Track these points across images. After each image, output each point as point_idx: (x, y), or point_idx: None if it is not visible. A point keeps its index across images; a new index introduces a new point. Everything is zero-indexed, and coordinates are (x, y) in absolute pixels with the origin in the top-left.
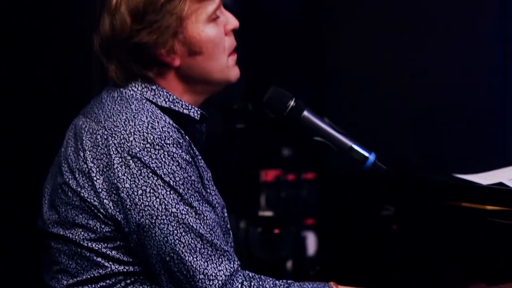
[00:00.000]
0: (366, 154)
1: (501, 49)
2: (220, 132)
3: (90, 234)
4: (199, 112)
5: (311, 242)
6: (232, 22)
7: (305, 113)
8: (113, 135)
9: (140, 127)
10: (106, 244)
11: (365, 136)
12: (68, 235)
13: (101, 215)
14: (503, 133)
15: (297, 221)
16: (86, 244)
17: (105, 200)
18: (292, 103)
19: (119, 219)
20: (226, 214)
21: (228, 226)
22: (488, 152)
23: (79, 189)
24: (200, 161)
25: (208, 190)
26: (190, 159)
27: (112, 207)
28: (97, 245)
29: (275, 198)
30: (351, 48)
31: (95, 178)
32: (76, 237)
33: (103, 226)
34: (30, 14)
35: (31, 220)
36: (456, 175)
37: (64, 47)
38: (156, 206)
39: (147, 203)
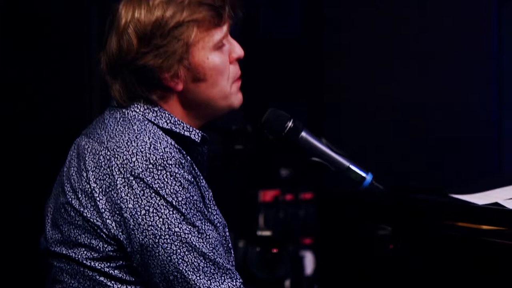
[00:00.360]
0: (363, 174)
1: (497, 68)
2: (220, 153)
3: (93, 253)
4: (200, 135)
5: (309, 261)
6: (238, 51)
7: (303, 134)
8: (116, 155)
9: (142, 147)
10: (108, 264)
11: (362, 154)
12: (71, 254)
13: (103, 235)
14: (498, 151)
15: (295, 241)
16: (88, 264)
17: (107, 220)
18: (290, 124)
19: (121, 239)
20: (227, 233)
21: (230, 245)
22: (485, 168)
23: (82, 209)
24: (201, 181)
25: (210, 210)
26: (192, 179)
27: (115, 227)
28: (99, 265)
29: (274, 217)
30: (349, 69)
31: (98, 198)
32: (79, 256)
33: (105, 246)
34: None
35: (33, 238)
36: (452, 195)
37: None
38: (159, 225)
39: (150, 223)
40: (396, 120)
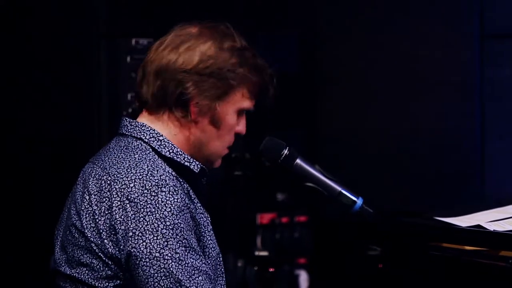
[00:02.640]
0: (354, 198)
1: (478, 94)
2: (221, 179)
3: (93, 273)
4: (199, 166)
5: (304, 280)
6: (242, 128)
7: (298, 161)
8: (116, 181)
9: (140, 174)
10: (108, 283)
11: (354, 179)
12: (74, 274)
13: (102, 255)
14: (481, 177)
15: (291, 260)
16: (90, 283)
17: (105, 240)
18: (285, 151)
19: (118, 257)
20: (221, 259)
21: (222, 269)
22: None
23: (84, 230)
24: (199, 209)
25: (205, 235)
26: (184, 207)
27: (112, 247)
28: (100, 284)
29: (270, 239)
30: (342, 102)
31: (98, 220)
32: (82, 276)
33: (105, 265)
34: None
35: (45, 260)
36: (437, 218)
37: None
38: (142, 249)
39: (134, 245)
40: (385, 147)
